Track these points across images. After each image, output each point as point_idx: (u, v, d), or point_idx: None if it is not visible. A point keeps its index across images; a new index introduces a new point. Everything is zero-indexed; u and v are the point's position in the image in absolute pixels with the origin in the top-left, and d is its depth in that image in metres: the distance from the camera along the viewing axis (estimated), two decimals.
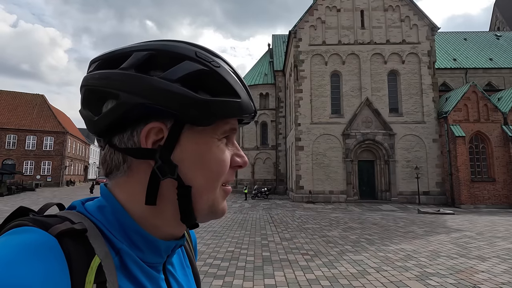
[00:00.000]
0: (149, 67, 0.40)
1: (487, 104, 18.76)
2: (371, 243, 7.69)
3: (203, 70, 0.40)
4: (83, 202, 0.42)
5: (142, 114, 0.39)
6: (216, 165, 0.41)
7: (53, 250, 0.31)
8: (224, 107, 0.40)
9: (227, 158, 0.43)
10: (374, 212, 15.08)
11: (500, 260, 6.23)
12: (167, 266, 0.45)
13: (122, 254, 0.38)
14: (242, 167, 0.45)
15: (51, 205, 0.43)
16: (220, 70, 0.41)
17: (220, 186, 0.43)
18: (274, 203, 19.15)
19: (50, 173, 36.11)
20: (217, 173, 0.42)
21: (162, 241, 0.41)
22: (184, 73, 0.39)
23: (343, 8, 21.70)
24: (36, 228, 0.33)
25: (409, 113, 20.46)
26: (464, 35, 30.25)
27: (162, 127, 0.39)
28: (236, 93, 0.41)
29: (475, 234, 9.19)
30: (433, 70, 20.79)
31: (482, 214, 14.93)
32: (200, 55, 0.41)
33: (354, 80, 20.98)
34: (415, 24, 21.30)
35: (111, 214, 0.40)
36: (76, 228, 0.35)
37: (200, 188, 0.40)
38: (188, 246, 0.55)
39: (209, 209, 0.42)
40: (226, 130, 0.43)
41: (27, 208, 0.39)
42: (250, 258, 6.20)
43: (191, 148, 0.40)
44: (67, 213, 0.38)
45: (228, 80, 0.41)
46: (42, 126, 36.01)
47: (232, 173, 0.44)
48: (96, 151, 61.61)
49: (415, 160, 19.69)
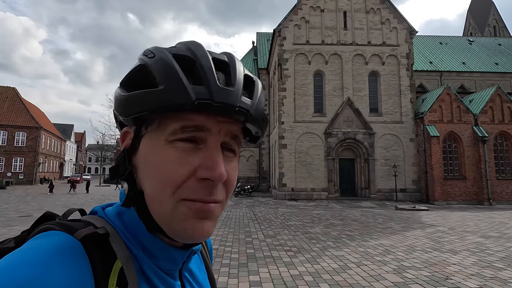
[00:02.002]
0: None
1: (460, 105, 19.76)
2: (352, 239, 7.94)
3: (137, 67, 0.39)
4: (103, 208, 0.44)
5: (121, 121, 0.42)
6: (158, 172, 0.37)
7: (78, 253, 0.33)
8: (137, 99, 0.37)
9: (175, 166, 0.36)
10: (354, 208, 15.54)
11: (469, 253, 6.63)
12: (183, 273, 0.46)
13: (139, 260, 0.39)
14: (212, 181, 0.37)
15: (74, 210, 0.45)
16: (151, 61, 0.37)
17: (179, 201, 0.37)
18: (257, 201, 19.26)
19: (23, 170, 34.34)
20: (160, 182, 0.37)
21: (175, 249, 0.41)
22: (125, 76, 0.40)
23: (327, 8, 22.05)
24: (63, 232, 0.35)
25: (388, 113, 21.18)
26: (440, 39, 31.62)
27: (129, 130, 0.41)
28: (155, 81, 0.36)
29: (447, 229, 9.71)
30: (411, 72, 21.61)
31: (454, 210, 15.77)
32: (144, 52, 0.39)
33: (337, 80, 21.42)
34: (394, 27, 22.01)
35: (128, 221, 0.41)
36: (99, 233, 0.36)
37: (149, 196, 0.38)
38: (205, 251, 0.57)
39: (166, 225, 0.38)
40: (177, 130, 0.37)
41: (53, 213, 0.41)
42: (235, 256, 6.23)
43: (142, 151, 0.39)
44: (90, 218, 0.40)
45: (150, 69, 0.37)
46: (13, 121, 34.11)
47: (199, 189, 0.37)
48: (73, 147, 59.14)
49: (393, 159, 20.44)
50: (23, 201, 17.29)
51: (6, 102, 35.25)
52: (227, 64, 0.40)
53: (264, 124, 0.43)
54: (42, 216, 0.40)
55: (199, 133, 0.37)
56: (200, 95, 0.35)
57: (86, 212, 0.45)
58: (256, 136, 0.43)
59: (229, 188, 0.40)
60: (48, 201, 17.80)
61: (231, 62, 0.40)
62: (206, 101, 0.35)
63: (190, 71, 0.37)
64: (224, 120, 0.38)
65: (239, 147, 0.43)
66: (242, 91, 0.39)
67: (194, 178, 0.36)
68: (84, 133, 74.13)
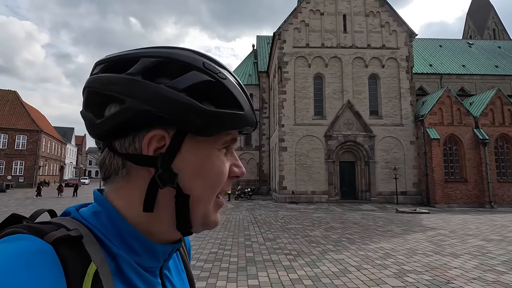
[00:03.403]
0: (156, 74, 0.39)
1: (460, 108, 19.75)
2: (352, 242, 7.88)
3: (209, 81, 0.40)
4: (77, 208, 0.41)
5: (146, 120, 0.39)
6: (216, 175, 0.42)
7: (49, 257, 0.31)
8: (228, 119, 0.40)
9: (226, 168, 0.43)
10: (354, 211, 15.47)
11: (471, 256, 6.57)
12: (163, 271, 0.45)
13: (118, 259, 0.38)
14: (239, 177, 0.45)
15: (42, 211, 0.42)
16: (226, 82, 0.41)
17: (215, 198, 0.43)
18: (258, 204, 19.20)
19: (23, 173, 34.33)
20: (216, 183, 0.42)
21: (159, 245, 0.41)
22: (191, 83, 0.39)
23: (327, 12, 22.14)
24: (31, 235, 0.33)
25: (388, 116, 21.17)
26: (440, 42, 31.72)
27: (165, 135, 0.39)
28: (240, 105, 0.41)
29: (448, 232, 9.64)
30: (411, 75, 21.64)
31: (455, 213, 15.69)
32: (207, 66, 0.41)
33: (337, 82, 21.44)
34: (394, 30, 22.08)
35: (106, 220, 0.39)
36: (72, 235, 0.34)
37: (198, 198, 0.41)
38: (183, 250, 0.55)
39: (203, 219, 0.42)
40: (227, 141, 0.43)
41: (20, 215, 0.38)
42: (234, 259, 6.18)
43: (191, 158, 0.40)
44: (61, 220, 0.38)
45: (233, 92, 0.41)
46: (14, 124, 34.17)
47: (229, 183, 0.44)
48: (73, 150, 59.20)
49: (393, 161, 20.39)
50: (22, 205, 17.27)
51: (7, 105, 35.34)
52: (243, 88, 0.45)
53: None
54: (7, 218, 0.37)
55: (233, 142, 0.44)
56: (255, 118, 0.44)
57: (57, 213, 0.43)
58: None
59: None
60: (48, 205, 17.76)
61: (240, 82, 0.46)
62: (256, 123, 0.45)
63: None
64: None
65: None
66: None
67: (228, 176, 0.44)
68: (84, 136, 74.25)
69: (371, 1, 22.19)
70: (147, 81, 0.39)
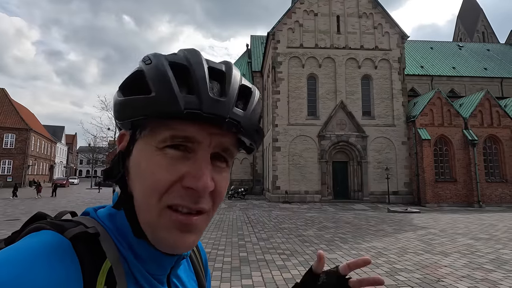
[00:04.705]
0: None
1: (450, 109, 20.11)
2: (345, 242, 7.95)
3: (135, 72, 0.39)
4: (95, 209, 0.43)
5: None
6: (147, 177, 0.37)
7: (67, 252, 0.34)
8: (130, 104, 0.37)
9: (163, 172, 0.36)
10: (347, 211, 15.60)
11: (460, 255, 6.71)
12: (171, 278, 0.45)
13: (128, 261, 0.39)
14: (196, 190, 0.37)
15: (66, 213, 0.45)
16: (147, 67, 0.38)
17: (165, 208, 0.37)
18: (251, 203, 19.20)
19: (11, 172, 33.62)
20: (148, 187, 0.37)
21: (164, 254, 0.40)
22: (124, 80, 0.40)
23: (320, 12, 22.26)
24: (53, 231, 0.36)
25: (380, 117, 21.41)
26: (431, 44, 32.22)
27: (126, 133, 0.41)
28: (149, 88, 0.36)
29: (438, 231, 9.81)
30: (402, 76, 21.93)
31: (445, 212, 15.98)
32: (143, 58, 0.39)
33: (330, 83, 21.59)
34: (387, 32, 22.34)
35: (120, 223, 0.40)
36: (89, 232, 0.36)
37: (137, 200, 0.38)
38: (196, 260, 0.55)
39: (151, 232, 0.38)
40: (167, 138, 0.37)
41: (45, 213, 0.42)
42: (227, 259, 6.17)
43: (134, 155, 0.39)
44: (81, 218, 0.40)
45: (148, 76, 0.37)
46: (1, 122, 33.43)
47: (183, 196, 0.37)
48: (63, 149, 58.18)
49: (385, 162, 20.64)
50: (10, 205, 16.89)
51: None
52: (223, 73, 0.40)
53: (258, 137, 0.42)
54: (34, 216, 0.40)
55: (189, 143, 0.37)
56: (189, 104, 0.35)
57: (78, 214, 0.45)
58: (250, 148, 0.42)
59: (217, 199, 0.40)
60: (38, 204, 17.43)
61: (228, 71, 0.40)
62: (195, 111, 0.35)
63: (184, 79, 0.37)
64: (215, 132, 0.38)
65: (231, 158, 0.42)
66: (235, 101, 0.38)
67: (180, 185, 0.37)
68: (75, 135, 73.00)
69: (364, 3, 22.41)
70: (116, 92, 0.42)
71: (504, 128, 20.11)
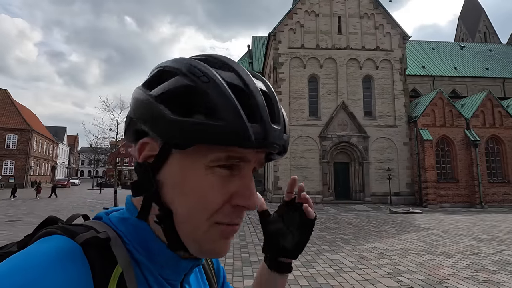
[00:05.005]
0: (155, 83, 0.38)
1: (452, 110, 20.05)
2: (347, 243, 7.93)
3: (187, 86, 0.35)
4: (107, 213, 0.43)
5: (141, 128, 0.38)
6: (197, 197, 0.37)
7: (78, 257, 0.33)
8: (195, 130, 0.34)
9: (215, 192, 0.37)
10: (349, 212, 15.57)
11: (463, 256, 6.67)
12: (183, 284, 0.45)
13: (141, 266, 0.39)
14: (246, 208, 0.39)
15: (78, 216, 0.44)
16: (206, 86, 0.35)
17: (213, 224, 0.37)
18: None
19: (13, 173, 33.72)
20: (198, 206, 0.37)
21: (181, 258, 0.41)
22: (165, 89, 0.36)
23: (321, 13, 22.26)
24: (64, 236, 0.35)
25: (382, 117, 21.37)
26: (432, 44, 32.16)
27: (154, 143, 0.38)
28: (217, 114, 0.34)
29: (441, 232, 9.77)
30: (404, 77, 21.89)
31: (447, 213, 15.92)
32: (192, 69, 0.36)
33: (331, 84, 21.57)
34: (388, 32, 22.31)
35: (132, 226, 0.40)
36: (100, 237, 0.36)
37: (183, 217, 0.37)
38: (208, 268, 0.55)
39: (195, 245, 0.38)
40: (221, 158, 0.36)
41: (56, 217, 0.42)
42: (229, 260, 6.17)
43: (176, 171, 0.37)
44: (92, 223, 0.40)
45: (212, 98, 0.35)
46: (4, 123, 33.55)
47: (231, 214, 0.38)
48: (65, 150, 58.34)
49: (387, 162, 20.59)
50: (12, 205, 16.93)
51: None
52: (268, 95, 0.39)
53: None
54: (46, 220, 0.41)
55: (240, 163, 0.37)
56: (257, 135, 0.35)
57: (90, 217, 0.45)
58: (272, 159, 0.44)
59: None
60: (39, 205, 17.46)
61: (271, 93, 0.39)
62: (262, 140, 0.35)
63: (245, 104, 0.35)
64: (261, 151, 0.39)
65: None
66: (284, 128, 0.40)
67: (229, 204, 0.38)
68: (77, 136, 73.20)
69: (365, 3, 22.39)
70: (139, 89, 0.39)
71: (507, 129, 20.03)
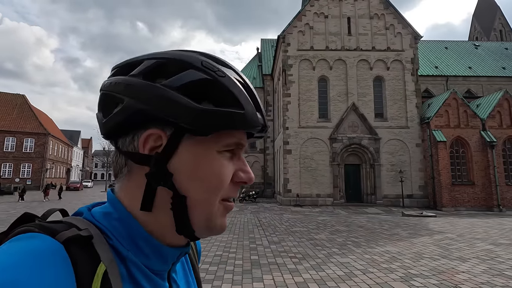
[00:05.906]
0: (156, 75, 0.40)
1: (467, 110, 19.53)
2: (358, 246, 7.82)
3: (206, 79, 0.39)
4: (89, 208, 0.42)
5: (144, 119, 0.39)
6: (213, 178, 0.40)
7: (60, 256, 0.32)
8: (223, 118, 0.38)
9: (227, 172, 0.41)
10: (360, 215, 15.34)
11: (479, 260, 6.47)
12: (171, 274, 0.45)
13: (127, 261, 0.38)
14: (246, 183, 0.44)
15: (54, 210, 0.44)
16: (224, 80, 0.40)
17: (220, 201, 0.41)
18: (262, 207, 19.16)
19: (30, 176, 34.81)
20: (214, 187, 0.40)
21: (168, 248, 0.41)
22: (185, 81, 0.39)
23: (331, 14, 22.16)
24: (43, 234, 0.33)
25: (393, 118, 21.03)
26: (445, 44, 31.47)
27: (162, 134, 0.39)
28: (240, 104, 0.40)
29: (456, 236, 9.50)
30: (416, 77, 21.49)
31: (462, 216, 15.46)
32: (205, 64, 0.40)
33: (341, 85, 21.40)
34: (399, 32, 21.99)
35: (117, 221, 0.40)
36: (82, 235, 0.35)
37: (196, 200, 0.39)
38: (193, 253, 0.55)
39: (206, 224, 0.41)
40: (230, 144, 0.41)
41: (32, 214, 0.39)
42: (239, 262, 6.18)
43: (188, 158, 0.39)
44: (73, 219, 0.38)
45: (231, 90, 0.40)
46: (22, 127, 34.74)
47: (234, 189, 0.43)
48: (79, 153, 59.87)
49: (399, 164, 20.21)
50: (29, 207, 17.48)
51: (16, 109, 35.96)
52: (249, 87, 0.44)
53: None
54: (21, 217, 0.38)
55: (239, 147, 0.43)
56: (262, 120, 0.42)
57: (68, 212, 0.44)
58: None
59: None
60: (46, 207, 17.89)
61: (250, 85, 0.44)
62: (263, 126, 0.43)
63: (250, 96, 0.42)
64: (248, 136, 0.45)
65: None
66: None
67: (231, 182, 0.42)
68: (90, 139, 75.03)
69: (375, 4, 22.17)
70: (143, 81, 0.39)
71: None
